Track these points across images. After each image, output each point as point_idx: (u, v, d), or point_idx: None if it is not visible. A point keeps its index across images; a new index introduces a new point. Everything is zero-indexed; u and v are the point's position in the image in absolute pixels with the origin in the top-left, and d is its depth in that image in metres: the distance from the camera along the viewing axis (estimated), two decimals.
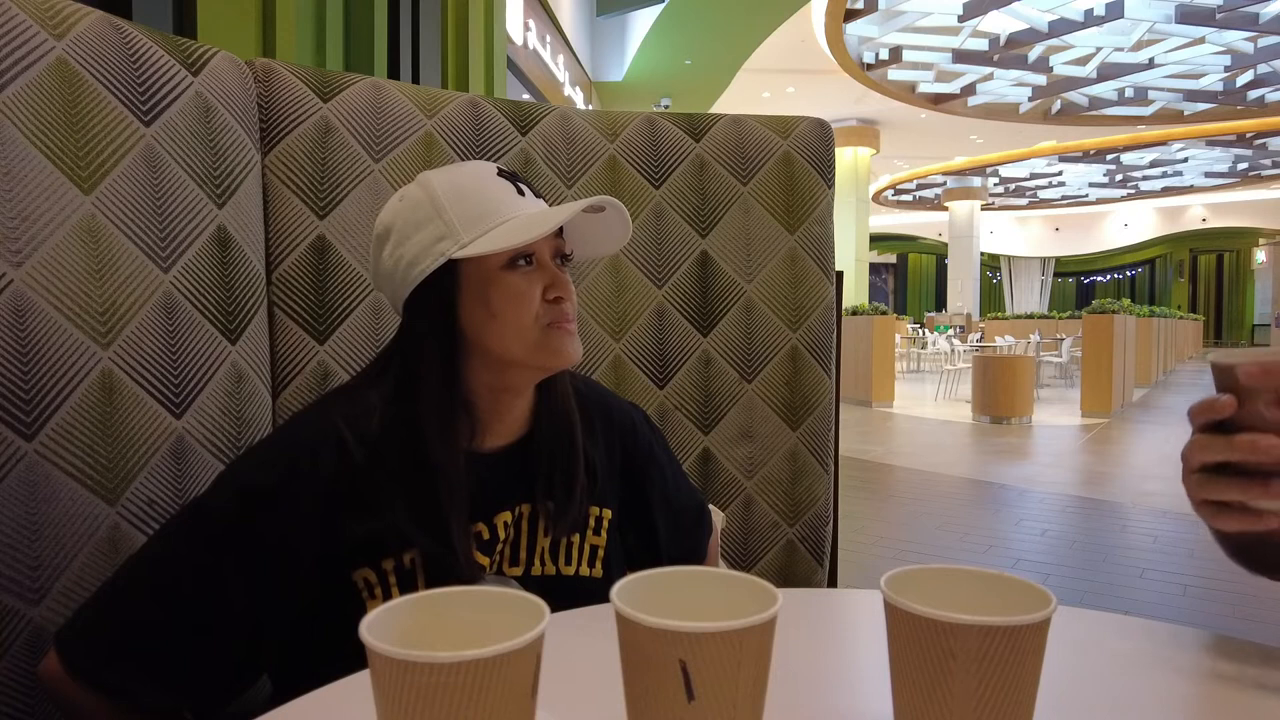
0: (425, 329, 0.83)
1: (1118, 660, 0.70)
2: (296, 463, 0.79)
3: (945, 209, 24.96)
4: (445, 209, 0.82)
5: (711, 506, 1.36)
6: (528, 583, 0.88)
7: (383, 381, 0.84)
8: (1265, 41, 13.13)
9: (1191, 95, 15.68)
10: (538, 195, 0.88)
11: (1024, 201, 29.21)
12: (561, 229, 0.87)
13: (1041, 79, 15.02)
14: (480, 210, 0.82)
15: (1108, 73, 14.49)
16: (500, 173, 0.86)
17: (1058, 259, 33.67)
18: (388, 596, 0.79)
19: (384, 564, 0.80)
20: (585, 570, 0.92)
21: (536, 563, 0.89)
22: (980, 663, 0.46)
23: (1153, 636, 0.74)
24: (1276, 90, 14.99)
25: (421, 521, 0.80)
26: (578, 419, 0.92)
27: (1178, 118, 17.01)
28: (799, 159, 1.47)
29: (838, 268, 1.51)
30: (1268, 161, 21.56)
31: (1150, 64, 14.02)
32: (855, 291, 16.98)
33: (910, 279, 37.20)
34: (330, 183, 1.19)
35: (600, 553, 0.93)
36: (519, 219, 0.82)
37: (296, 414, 0.87)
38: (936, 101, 16.20)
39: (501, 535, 0.87)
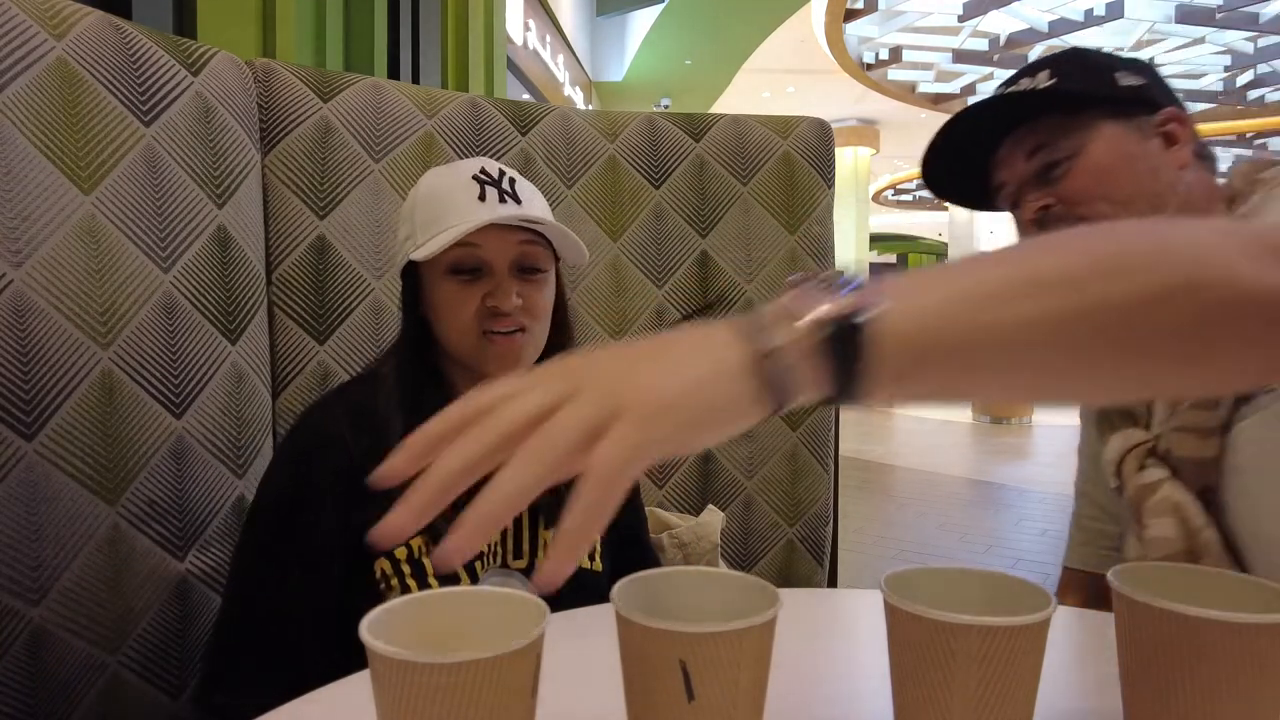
0: (404, 315, 0.90)
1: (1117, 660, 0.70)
2: (309, 462, 0.85)
3: (945, 209, 24.93)
4: (416, 209, 0.87)
5: (711, 506, 1.36)
6: (532, 575, 0.90)
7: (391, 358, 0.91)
8: (1265, 41, 13.11)
9: (1191, 95, 15.66)
10: (511, 197, 0.86)
11: None
12: (548, 239, 0.88)
13: None
14: (436, 214, 0.85)
15: None
16: (481, 174, 0.86)
17: None
18: (403, 585, 0.83)
19: (396, 552, 0.83)
20: (586, 564, 0.94)
21: (541, 555, 0.91)
22: (980, 663, 0.46)
23: None
24: (1276, 90, 14.98)
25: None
26: None
27: None
28: (799, 159, 1.47)
29: (838, 268, 1.51)
30: None
31: (1150, 64, 13.99)
32: None
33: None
34: (330, 183, 1.19)
35: (599, 548, 0.95)
36: (458, 229, 0.82)
37: (301, 415, 0.91)
38: (936, 101, 16.18)
39: None
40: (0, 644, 0.80)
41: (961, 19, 12.22)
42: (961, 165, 0.94)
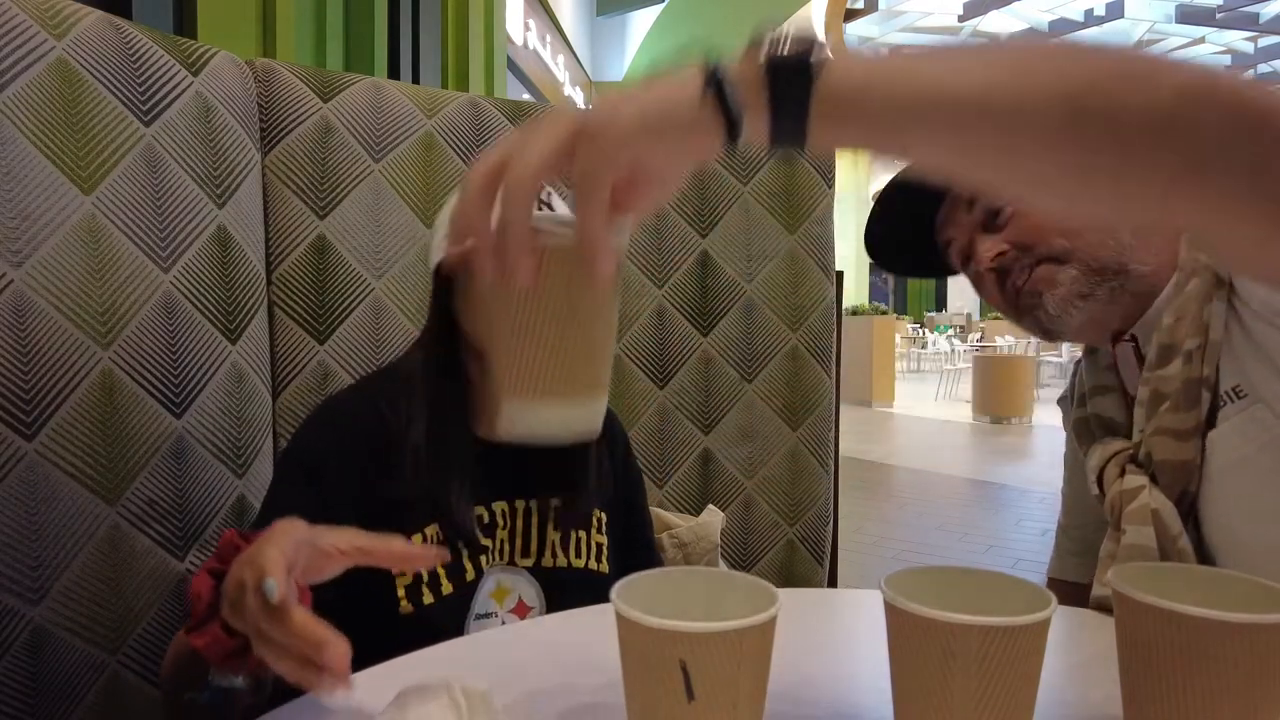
0: (432, 313, 0.91)
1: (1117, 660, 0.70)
2: (341, 419, 0.89)
3: None
4: None
5: (711, 506, 1.36)
6: (539, 573, 0.91)
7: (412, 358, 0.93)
8: (1265, 41, 13.12)
9: None
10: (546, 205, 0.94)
11: None
12: None
13: None
14: None
15: None
16: None
17: None
18: (415, 574, 0.83)
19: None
20: (593, 565, 0.95)
21: (547, 554, 0.92)
22: (980, 663, 0.46)
23: None
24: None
25: (431, 485, 0.85)
26: None
27: None
28: (799, 159, 1.47)
29: (838, 268, 1.51)
30: None
31: None
32: (855, 291, 16.94)
33: (910, 279, 37.11)
34: (330, 183, 1.19)
35: (604, 551, 0.96)
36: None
37: (336, 393, 0.97)
38: None
39: (500, 522, 0.90)
40: (0, 644, 0.80)
41: (961, 19, 12.24)
42: (906, 232, 0.94)
